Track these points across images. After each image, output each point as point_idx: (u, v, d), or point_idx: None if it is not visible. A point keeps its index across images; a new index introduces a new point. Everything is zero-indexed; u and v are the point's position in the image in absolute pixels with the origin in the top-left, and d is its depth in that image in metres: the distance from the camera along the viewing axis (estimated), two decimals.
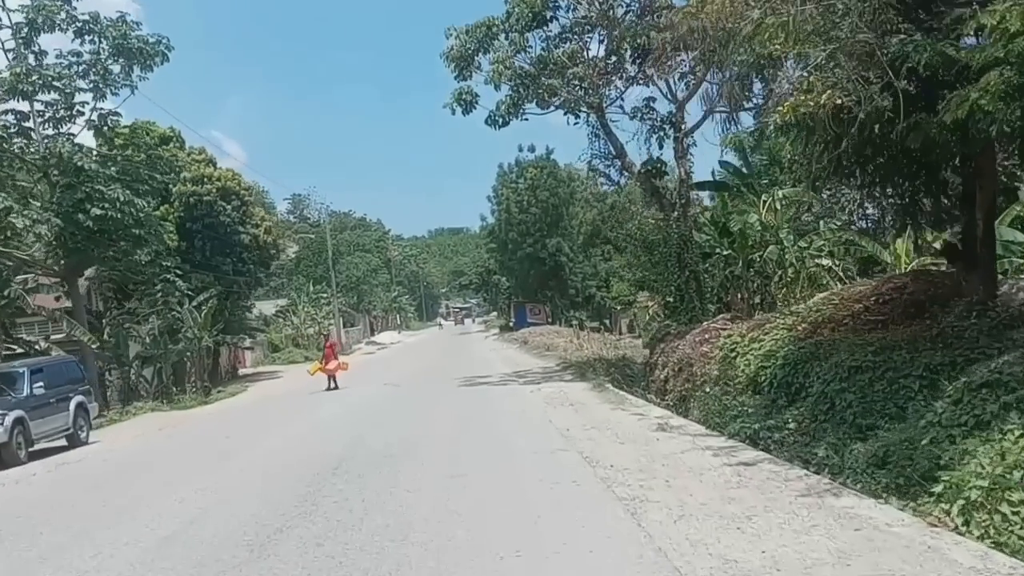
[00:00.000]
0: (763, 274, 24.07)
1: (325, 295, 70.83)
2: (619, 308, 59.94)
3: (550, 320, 63.13)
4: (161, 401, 30.27)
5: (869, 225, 34.90)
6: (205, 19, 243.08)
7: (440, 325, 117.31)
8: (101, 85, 30.35)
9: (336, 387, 26.79)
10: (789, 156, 33.36)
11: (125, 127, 33.11)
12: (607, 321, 63.01)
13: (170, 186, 39.62)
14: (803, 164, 11.52)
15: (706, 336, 18.87)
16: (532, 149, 60.86)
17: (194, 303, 35.49)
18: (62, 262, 30.17)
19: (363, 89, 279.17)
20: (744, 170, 25.32)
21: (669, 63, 22.03)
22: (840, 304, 14.69)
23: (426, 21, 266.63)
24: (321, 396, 25.02)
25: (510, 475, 9.84)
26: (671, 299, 22.58)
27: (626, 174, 24.02)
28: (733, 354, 15.20)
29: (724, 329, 19.00)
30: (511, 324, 69.97)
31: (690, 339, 19.40)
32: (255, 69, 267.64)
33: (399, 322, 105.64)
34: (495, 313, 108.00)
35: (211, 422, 21.50)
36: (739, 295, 25.08)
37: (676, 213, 22.55)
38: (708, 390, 15.68)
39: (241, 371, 50.02)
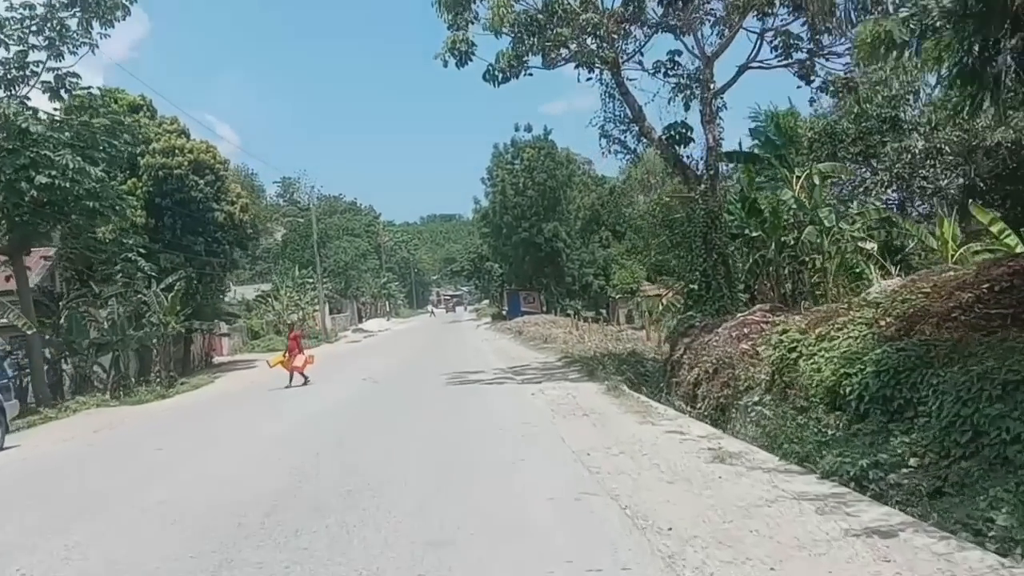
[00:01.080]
0: (797, 259, 20.77)
1: (311, 280, 67.37)
2: (618, 298, 56.67)
3: (544, 309, 59.77)
4: (116, 394, 26.82)
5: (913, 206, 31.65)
6: (198, 3, 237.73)
7: (432, 313, 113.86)
8: (57, 42, 26.86)
9: (306, 382, 23.38)
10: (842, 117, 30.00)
11: (85, 89, 29.40)
12: (604, 311, 59.73)
13: (138, 158, 36.26)
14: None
15: (745, 331, 15.56)
16: (529, 129, 57.57)
17: (162, 285, 32.08)
18: (6, 237, 26.72)
19: (359, 72, 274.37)
20: (776, 140, 21.95)
21: (697, 14, 18.70)
22: (934, 293, 11.35)
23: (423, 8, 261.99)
24: (284, 395, 21.62)
25: (519, 548, 6.42)
26: (695, 286, 19.23)
27: (644, 141, 20.63)
28: (794, 355, 11.87)
29: (765, 322, 15.70)
30: (504, 312, 66.59)
31: (724, 334, 16.09)
32: (248, 52, 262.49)
33: (388, 309, 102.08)
34: (487, 301, 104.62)
35: (154, 424, 18.08)
36: (766, 283, 21.77)
37: (703, 186, 19.19)
38: (759, 399, 12.40)
39: (217, 359, 46.53)
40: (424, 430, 12.67)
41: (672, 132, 19.68)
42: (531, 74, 19.43)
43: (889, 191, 31.21)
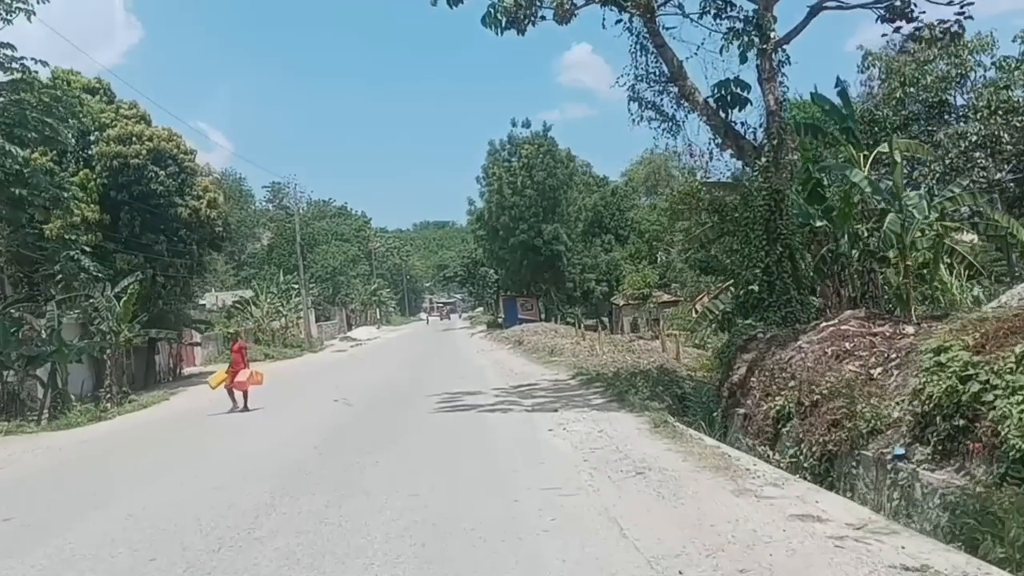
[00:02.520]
0: (874, 254, 16.43)
1: (298, 286, 62.85)
2: (623, 305, 52.29)
3: (543, 317, 55.21)
4: (41, 417, 22.30)
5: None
6: (192, 8, 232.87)
7: (426, 320, 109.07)
8: None
9: (245, 408, 18.68)
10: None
11: (18, 60, 24.86)
12: (606, 319, 55.32)
13: (91, 146, 31.85)
14: None
15: (846, 345, 11.21)
16: (527, 124, 53.17)
17: (117, 289, 27.61)
18: None
19: (351, 80, 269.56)
20: (842, 109, 17.60)
21: None
22: None
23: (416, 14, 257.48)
24: (222, 425, 17.04)
25: None
26: (753, 287, 14.83)
27: (685, 105, 16.26)
28: (972, 387, 7.52)
29: (871, 335, 11.38)
30: (499, 320, 62.06)
31: (811, 350, 11.73)
32: (242, 58, 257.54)
33: (378, 317, 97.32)
34: (480, 308, 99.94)
35: (50, 466, 13.49)
36: (830, 284, 17.41)
37: (764, 160, 14.83)
38: (904, 452, 8.05)
39: (188, 370, 41.92)
40: (395, 508, 8.13)
41: (722, 92, 15.36)
42: (544, 17, 15.02)
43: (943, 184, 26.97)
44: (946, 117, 30.65)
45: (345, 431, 13.90)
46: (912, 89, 30.24)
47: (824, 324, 12.65)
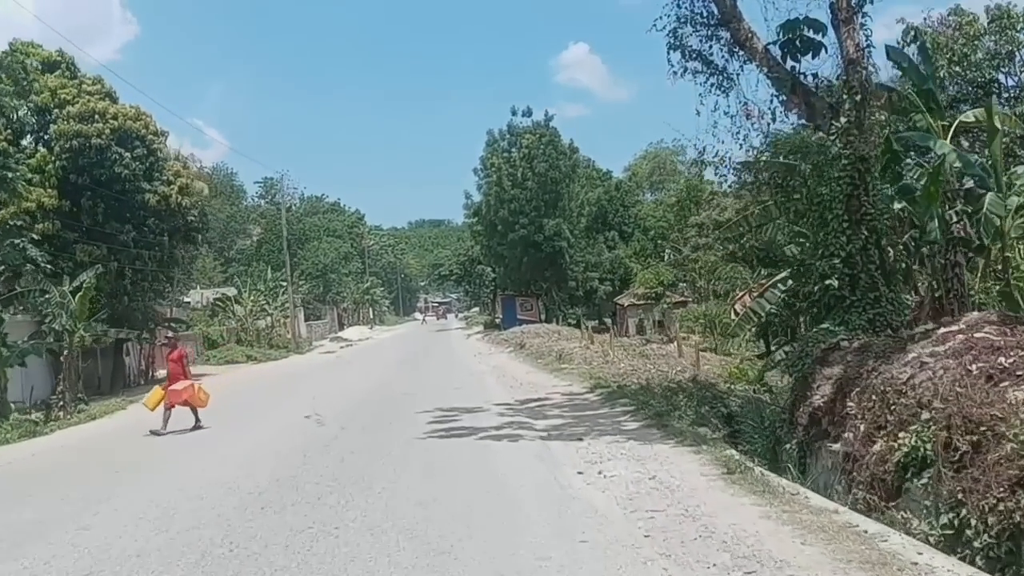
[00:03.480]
0: (966, 243, 13.21)
1: (286, 283, 59.49)
2: (628, 305, 49.06)
3: (543, 317, 51.83)
4: None
5: None
6: (187, 3, 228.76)
7: (423, 320, 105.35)
8: None
9: (197, 426, 15.23)
10: None
11: None
12: (608, 320, 52.05)
13: (49, 124, 28.54)
14: None
15: (1000, 362, 7.94)
16: (528, 113, 49.82)
17: (75, 283, 24.35)
18: None
19: (348, 79, 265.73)
20: (921, 68, 14.38)
21: None
22: None
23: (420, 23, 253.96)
24: (156, 450, 13.68)
25: None
26: (832, 282, 11.53)
27: (740, 53, 12.99)
28: None
29: (1019, 348, 8.14)
30: (497, 321, 58.70)
31: (938, 366, 8.46)
32: (238, 54, 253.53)
33: (371, 316, 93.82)
34: (476, 309, 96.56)
35: None
36: (908, 279, 14.17)
37: (845, 120, 11.56)
38: None
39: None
40: None
41: (788, 35, 12.11)
42: None
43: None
44: (995, 98, 27.57)
45: (305, 467, 10.54)
46: (958, 68, 27.13)
47: (945, 331, 9.38)
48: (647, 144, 67.01)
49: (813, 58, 12.32)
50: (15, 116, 24.42)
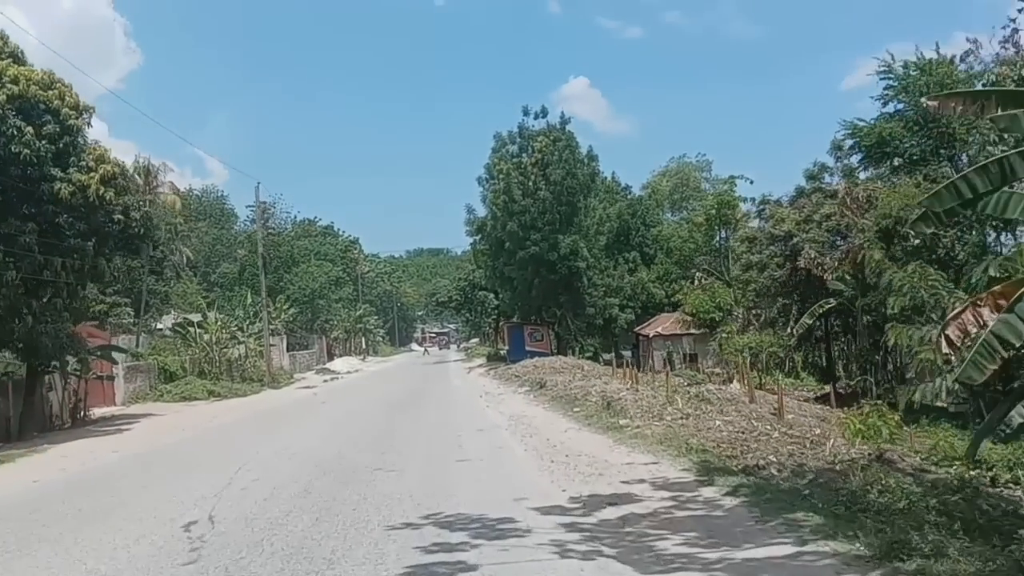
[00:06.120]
0: None
1: (271, 309, 51.97)
2: (654, 336, 41.54)
3: (555, 349, 44.06)
4: None
5: None
6: (189, 26, 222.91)
7: (425, 351, 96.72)
8: None
9: None
10: None
11: None
12: (627, 352, 44.45)
13: None
14: None
15: None
16: (543, 114, 42.63)
17: None
18: None
19: (350, 115, 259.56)
20: None
21: None
22: None
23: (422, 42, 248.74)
24: None
25: None
26: None
27: None
28: None
29: None
30: (503, 353, 50.90)
31: None
32: (236, 76, 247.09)
33: (364, 346, 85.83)
34: (476, 340, 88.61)
35: None
36: None
37: None
38: None
39: (99, 412, 30.61)
40: None
41: None
42: None
43: None
44: None
45: None
46: None
47: None
48: (668, 159, 59.86)
49: None
50: None
